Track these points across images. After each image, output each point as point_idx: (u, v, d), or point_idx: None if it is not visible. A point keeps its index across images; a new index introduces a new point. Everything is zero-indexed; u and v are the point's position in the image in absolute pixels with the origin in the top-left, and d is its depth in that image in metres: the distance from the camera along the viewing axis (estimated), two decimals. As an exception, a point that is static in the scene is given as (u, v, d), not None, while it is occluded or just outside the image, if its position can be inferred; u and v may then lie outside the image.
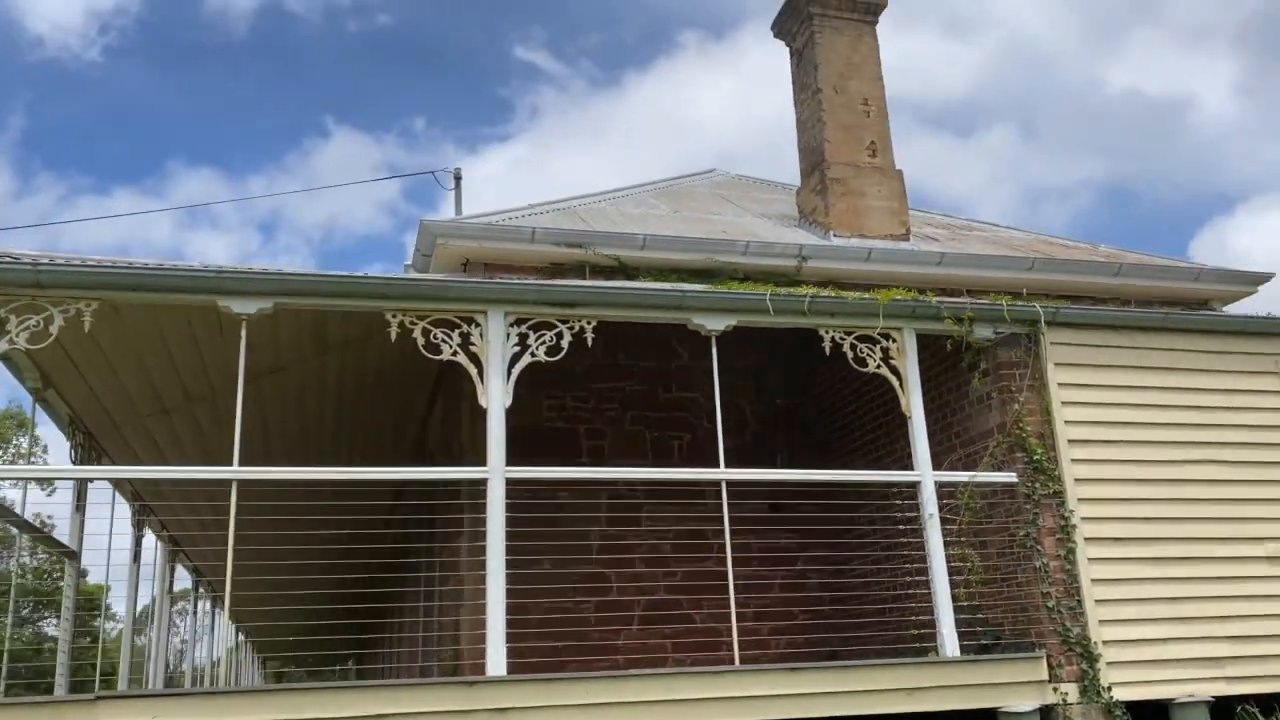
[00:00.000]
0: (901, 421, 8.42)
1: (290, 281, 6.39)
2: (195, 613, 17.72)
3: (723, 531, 10.35)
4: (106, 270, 6.12)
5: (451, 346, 6.63)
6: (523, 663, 8.77)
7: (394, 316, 6.58)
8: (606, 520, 9.83)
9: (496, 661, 6.18)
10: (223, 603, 20.40)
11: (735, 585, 10.14)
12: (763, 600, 10.13)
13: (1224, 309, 12.47)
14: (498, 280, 6.88)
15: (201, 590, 18.23)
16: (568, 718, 6.08)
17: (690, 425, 10.75)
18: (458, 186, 12.86)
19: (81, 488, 8.85)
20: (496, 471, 6.55)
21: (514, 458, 9.98)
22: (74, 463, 8.99)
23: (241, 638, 29.66)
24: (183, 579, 16.79)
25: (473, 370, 6.67)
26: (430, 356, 6.63)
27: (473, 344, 6.68)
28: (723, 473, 7.25)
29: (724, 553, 10.14)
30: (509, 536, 8.81)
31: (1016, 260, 11.51)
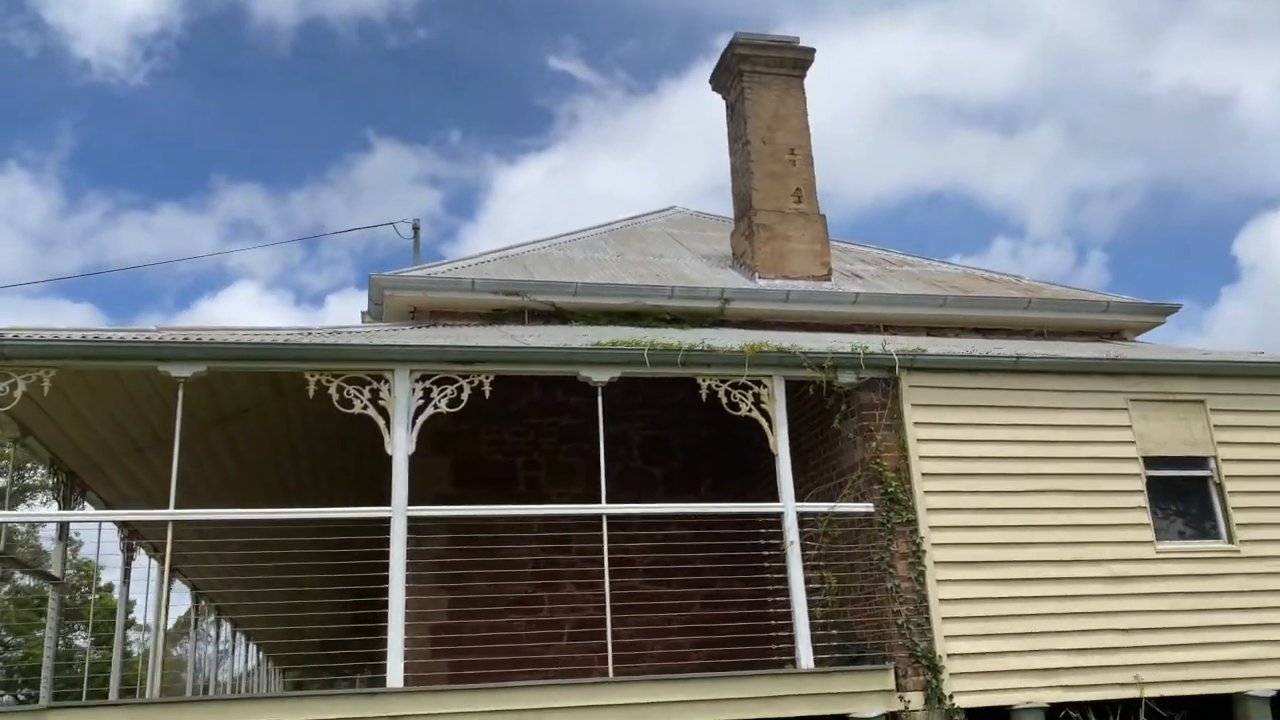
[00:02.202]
0: (801, 453, 9.37)
1: (219, 349, 7.43)
2: (194, 629, 18.87)
3: (649, 554, 11.32)
4: (61, 343, 7.20)
5: (362, 401, 7.64)
6: (461, 674, 9.77)
7: (311, 376, 7.61)
8: (540, 546, 10.80)
9: (395, 674, 7.14)
10: (225, 616, 21.53)
11: (659, 605, 11.13)
12: (684, 617, 11.05)
13: (1135, 339, 13.30)
14: (402, 343, 7.86)
15: (204, 607, 19.38)
16: (457, 724, 7.04)
17: (621, 456, 11.71)
18: (415, 237, 13.91)
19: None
20: (399, 511, 7.52)
21: (456, 488, 11.05)
22: (57, 498, 10.10)
23: (260, 655, 30.97)
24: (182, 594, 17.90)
25: (380, 422, 7.67)
26: (343, 410, 7.63)
27: (381, 399, 7.68)
28: (604, 507, 8.18)
29: (647, 575, 11.13)
30: (451, 564, 9.79)
31: (929, 298, 12.41)
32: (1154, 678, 8.24)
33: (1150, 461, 8.92)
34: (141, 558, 14.34)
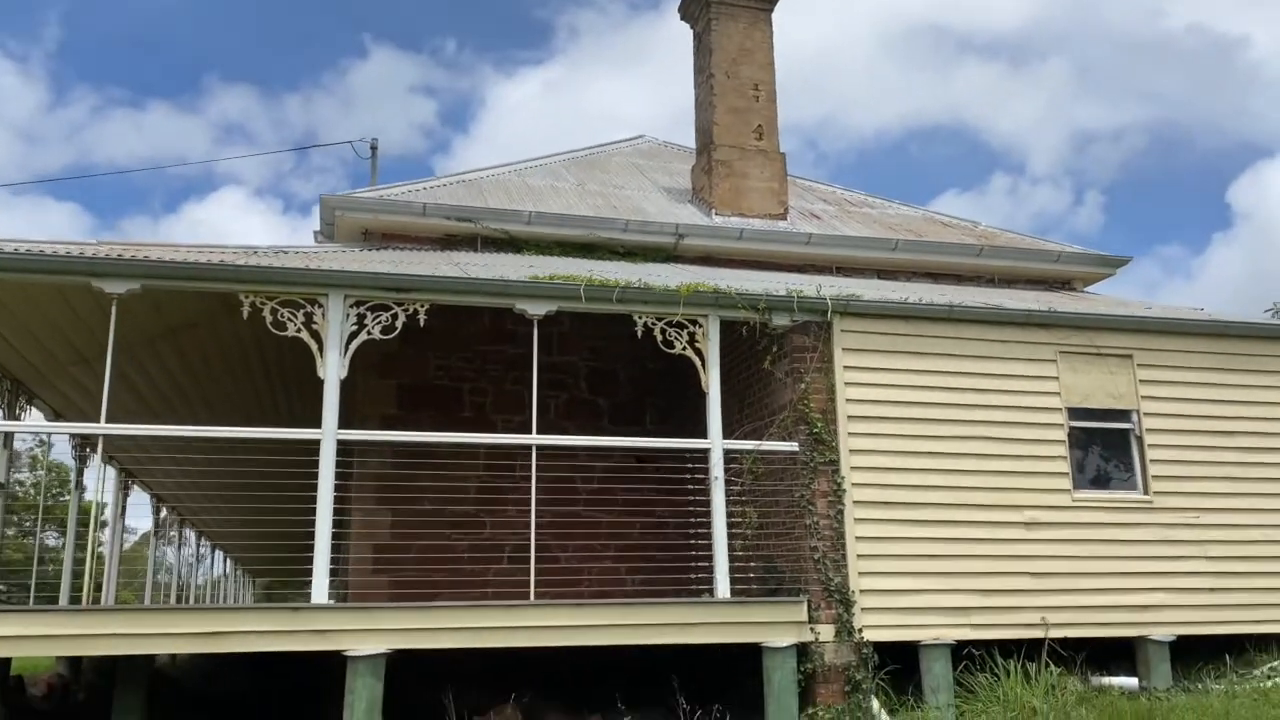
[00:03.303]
0: (738, 391, 9.54)
1: (153, 267, 7.47)
2: (153, 536, 19.13)
3: (591, 480, 11.51)
4: (-7, 255, 7.22)
5: (296, 325, 7.73)
6: (401, 592, 10.01)
7: (246, 297, 7.67)
8: (484, 471, 10.98)
9: (320, 590, 7.36)
10: (187, 522, 21.83)
11: (598, 532, 11.37)
12: (622, 544, 11.33)
13: (1085, 289, 13.46)
14: (337, 267, 7.92)
15: (164, 511, 19.64)
16: (380, 640, 7.26)
17: (569, 386, 11.89)
18: (373, 156, 13.82)
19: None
20: (329, 434, 7.66)
21: (400, 410, 11.17)
22: (2, 408, 10.20)
23: (229, 563, 31.45)
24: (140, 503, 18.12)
25: (314, 346, 7.76)
26: (276, 333, 7.72)
27: (315, 323, 7.77)
28: (534, 439, 8.36)
29: (589, 503, 11.34)
30: (394, 485, 9.96)
31: (881, 241, 12.50)
32: (1060, 620, 8.55)
33: (1075, 413, 9.14)
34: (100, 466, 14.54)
